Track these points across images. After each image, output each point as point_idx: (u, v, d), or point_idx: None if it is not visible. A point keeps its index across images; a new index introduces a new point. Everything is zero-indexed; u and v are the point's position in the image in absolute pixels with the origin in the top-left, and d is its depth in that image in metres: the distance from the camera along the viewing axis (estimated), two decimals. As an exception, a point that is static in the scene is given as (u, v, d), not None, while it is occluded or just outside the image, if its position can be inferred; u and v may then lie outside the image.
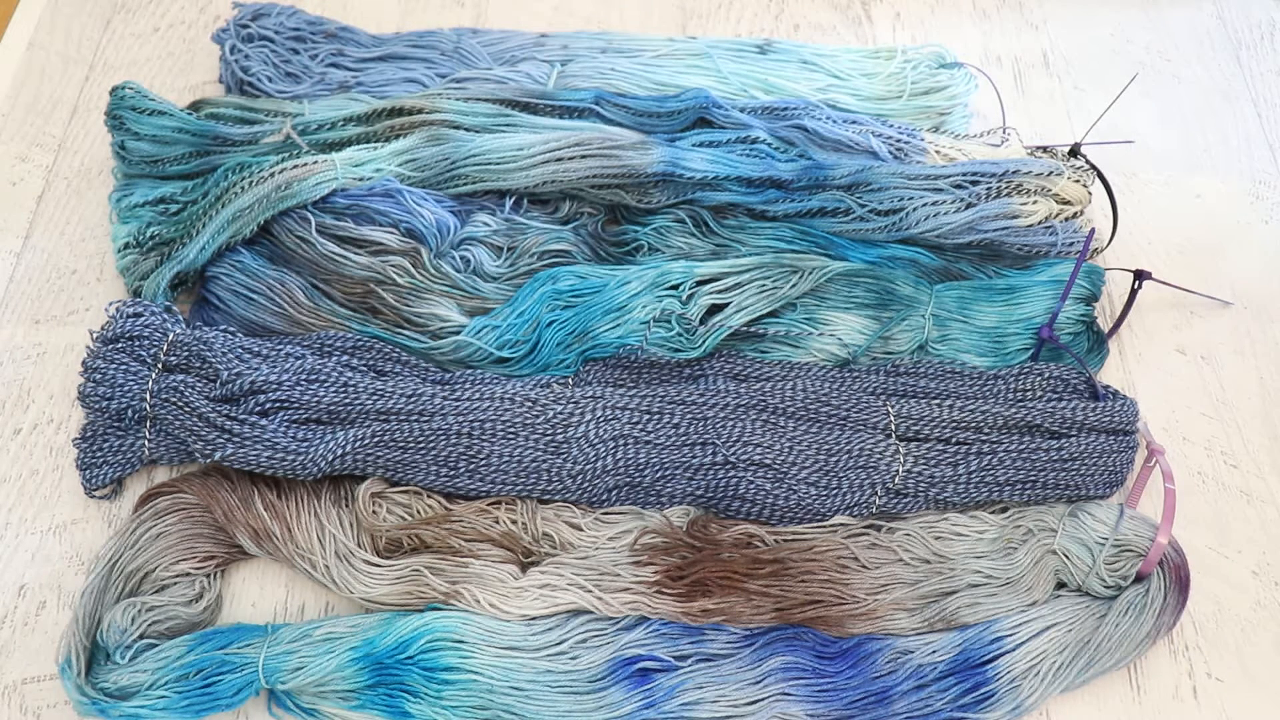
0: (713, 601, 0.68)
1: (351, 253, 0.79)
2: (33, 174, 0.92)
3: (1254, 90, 1.00)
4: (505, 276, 0.82)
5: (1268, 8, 1.06)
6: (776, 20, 1.04)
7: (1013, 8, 1.06)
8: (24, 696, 0.68)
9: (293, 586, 0.73)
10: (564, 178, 0.82)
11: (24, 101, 0.96)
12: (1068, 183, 0.84)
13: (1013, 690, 0.66)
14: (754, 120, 0.87)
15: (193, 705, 0.64)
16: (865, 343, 0.79)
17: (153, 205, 0.83)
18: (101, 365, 0.72)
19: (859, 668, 0.67)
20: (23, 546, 0.74)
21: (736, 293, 0.79)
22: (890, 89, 0.93)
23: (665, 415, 0.73)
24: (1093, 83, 1.00)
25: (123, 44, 1.00)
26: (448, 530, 0.70)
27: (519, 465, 0.71)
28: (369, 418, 0.72)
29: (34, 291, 0.85)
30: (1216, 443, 0.80)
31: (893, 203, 0.82)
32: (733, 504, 0.72)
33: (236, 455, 0.70)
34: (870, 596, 0.69)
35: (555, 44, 0.96)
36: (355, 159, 0.82)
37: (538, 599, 0.68)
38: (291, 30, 0.95)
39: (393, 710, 0.65)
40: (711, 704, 0.65)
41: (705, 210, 0.84)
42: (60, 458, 0.77)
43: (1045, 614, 0.68)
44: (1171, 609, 0.68)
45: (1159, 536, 0.68)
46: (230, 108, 0.89)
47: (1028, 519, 0.72)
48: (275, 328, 0.79)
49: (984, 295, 0.81)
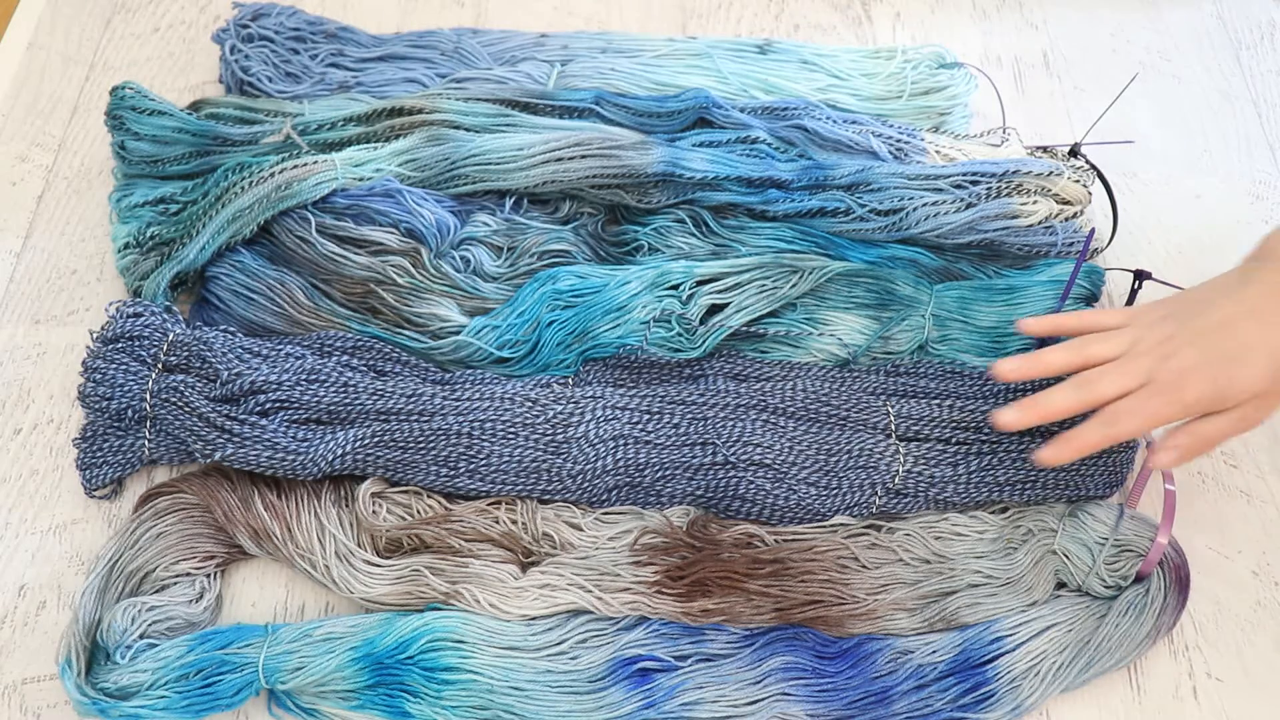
0: (713, 601, 0.68)
1: (351, 253, 0.79)
2: (33, 174, 0.92)
3: (1254, 90, 1.00)
4: (505, 276, 0.82)
5: (1268, 8, 1.06)
6: (776, 20, 1.04)
7: (1013, 8, 1.06)
8: (24, 696, 0.68)
9: (293, 586, 0.73)
10: (564, 178, 0.82)
11: (24, 101, 0.96)
12: (1068, 183, 0.84)
13: (1013, 690, 0.66)
14: (754, 120, 0.87)
15: (193, 705, 0.64)
16: (865, 343, 0.79)
17: (153, 205, 0.83)
18: (101, 365, 0.73)
19: (859, 668, 0.67)
20: (23, 546, 0.74)
21: (736, 293, 0.79)
22: (890, 89, 0.93)
23: (665, 415, 0.73)
24: (1093, 83, 1.00)
25: (123, 44, 1.00)
26: (448, 530, 0.70)
27: (519, 465, 0.71)
28: (369, 418, 0.72)
29: (34, 291, 0.85)
30: (1216, 443, 0.80)
31: (893, 203, 0.82)
32: (733, 504, 0.72)
33: (236, 455, 0.70)
34: (870, 596, 0.69)
35: (555, 44, 0.96)
36: (355, 159, 0.82)
37: (538, 599, 0.68)
38: (291, 30, 0.95)
39: (393, 710, 0.65)
40: (711, 704, 0.65)
41: (705, 210, 0.84)
42: (60, 458, 0.77)
43: (1045, 614, 0.68)
44: (1171, 609, 0.68)
45: (1159, 537, 0.68)
46: (230, 108, 0.89)
47: (1028, 519, 0.72)
48: (275, 328, 0.79)
49: (984, 295, 0.81)
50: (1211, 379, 0.64)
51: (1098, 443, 0.65)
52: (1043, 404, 0.66)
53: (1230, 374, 0.63)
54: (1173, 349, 0.65)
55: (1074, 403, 0.66)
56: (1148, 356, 0.65)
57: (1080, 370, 0.66)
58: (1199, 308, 0.66)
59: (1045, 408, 0.66)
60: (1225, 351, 0.64)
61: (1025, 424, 0.66)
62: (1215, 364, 0.64)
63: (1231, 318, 0.65)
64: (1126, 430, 0.64)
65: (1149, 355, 0.65)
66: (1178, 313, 0.67)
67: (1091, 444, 0.65)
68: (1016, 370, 0.67)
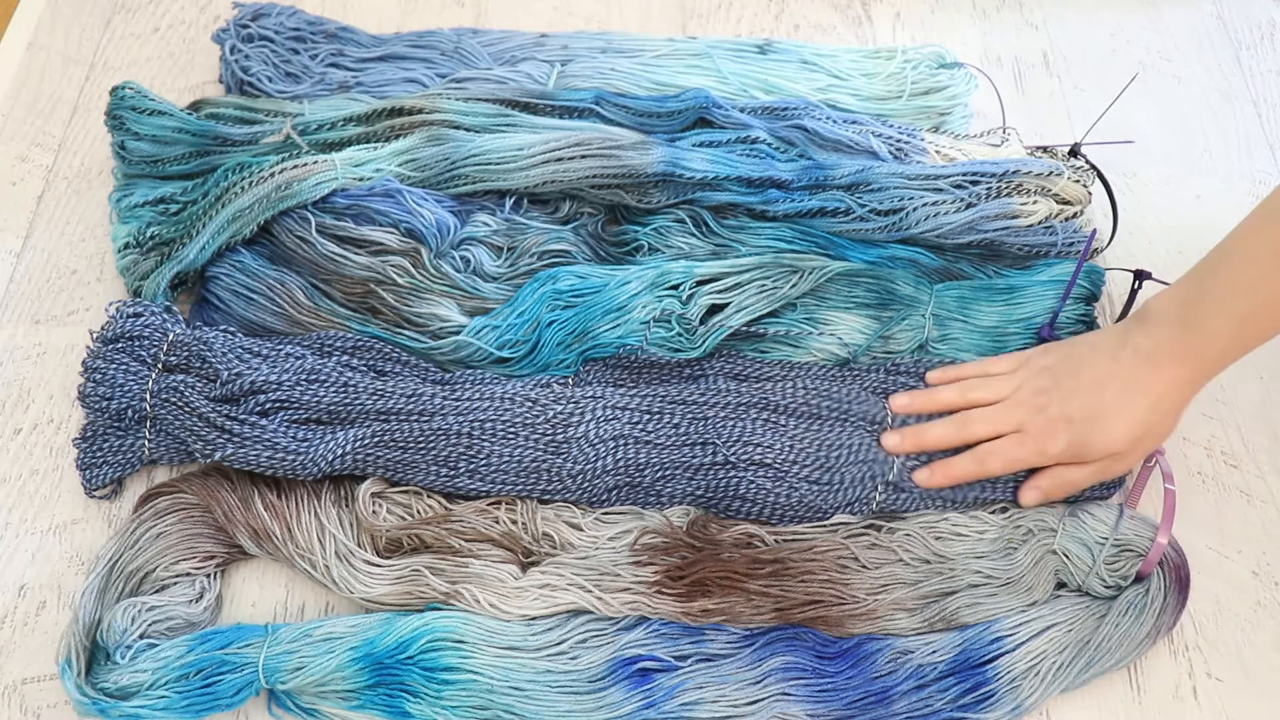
0: (713, 601, 0.68)
1: (351, 253, 0.79)
2: (33, 174, 0.92)
3: (1254, 90, 1.00)
4: (505, 276, 0.82)
5: (1268, 8, 1.06)
6: (776, 20, 1.04)
7: (1013, 8, 1.06)
8: (24, 696, 0.68)
9: (293, 586, 0.73)
10: (564, 178, 0.82)
11: (24, 101, 0.96)
12: (1068, 183, 0.84)
13: (1013, 690, 0.66)
14: (754, 120, 0.87)
15: (193, 705, 0.64)
16: (865, 342, 0.79)
17: (153, 205, 0.83)
18: (101, 365, 0.73)
19: (859, 668, 0.67)
20: (23, 546, 0.74)
21: (736, 293, 0.79)
22: (890, 89, 0.93)
23: (666, 415, 0.73)
24: (1093, 83, 1.00)
25: (123, 44, 1.00)
26: (448, 530, 0.70)
27: (519, 465, 0.71)
28: (369, 418, 0.72)
29: (34, 291, 0.85)
30: (1216, 443, 0.80)
31: (893, 203, 0.82)
32: (733, 504, 0.72)
33: (236, 455, 0.70)
34: (870, 596, 0.69)
35: (555, 44, 0.96)
36: (355, 159, 0.82)
37: (538, 599, 0.68)
38: (291, 30, 0.95)
39: (393, 710, 0.65)
40: (711, 704, 0.65)
41: (705, 210, 0.84)
42: (60, 458, 0.77)
43: (1045, 614, 0.68)
44: (1171, 609, 0.68)
45: (1159, 537, 0.68)
46: (230, 108, 0.89)
47: (1028, 519, 0.72)
48: (275, 328, 0.79)
49: (984, 295, 0.81)
50: (1072, 437, 0.70)
51: (969, 475, 0.72)
52: (923, 434, 0.73)
53: (1090, 435, 0.69)
54: (1044, 403, 0.71)
55: (950, 438, 0.72)
56: (1022, 408, 0.71)
57: (963, 410, 0.73)
58: (1076, 366, 0.71)
59: (924, 438, 0.73)
60: (1089, 413, 0.69)
61: (905, 449, 0.72)
62: (1078, 424, 0.69)
63: (1101, 380, 0.70)
64: (992, 470, 0.72)
65: (1023, 406, 0.72)
66: (1057, 368, 0.72)
67: (963, 475, 0.72)
68: (908, 405, 0.74)
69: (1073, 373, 0.71)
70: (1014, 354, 0.76)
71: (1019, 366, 0.74)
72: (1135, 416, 0.68)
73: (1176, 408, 0.70)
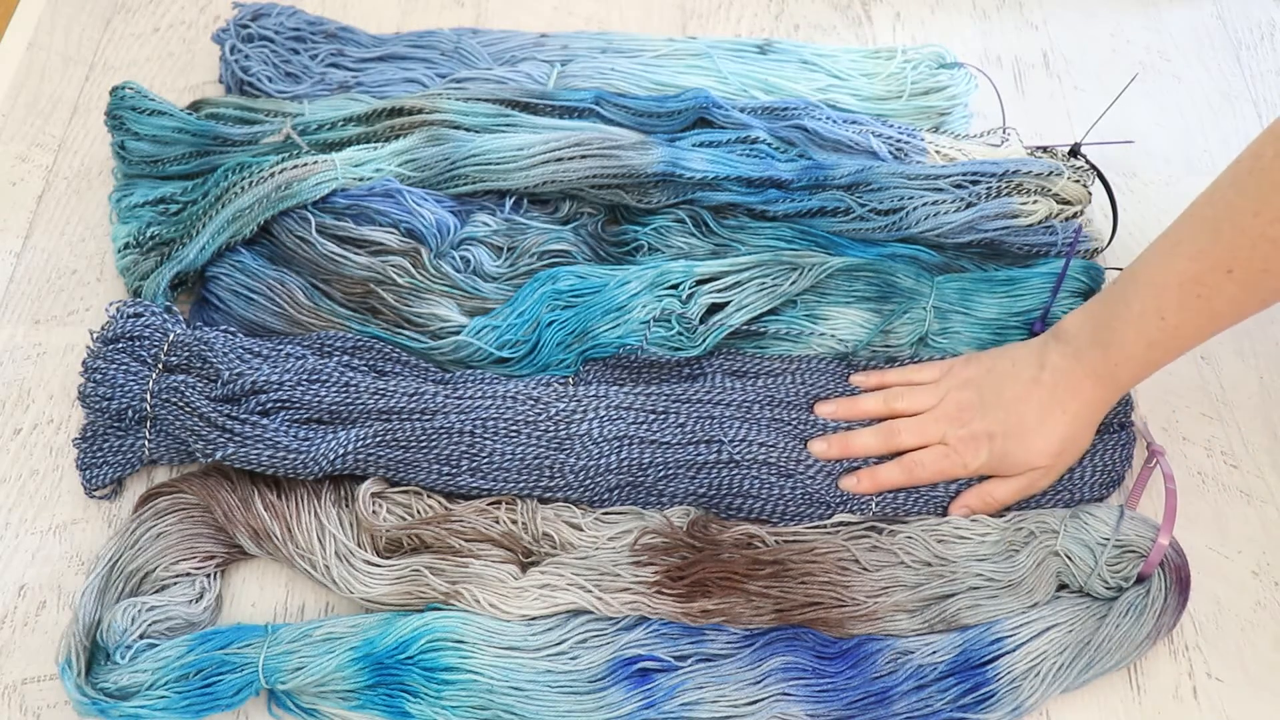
0: (713, 602, 0.68)
1: (351, 253, 0.79)
2: (33, 174, 0.92)
3: (1254, 90, 1.00)
4: (505, 276, 0.82)
5: (1268, 8, 1.06)
6: (776, 20, 1.04)
7: (1013, 8, 1.06)
8: (24, 696, 0.68)
9: (293, 586, 0.73)
10: (564, 178, 0.82)
11: (24, 101, 0.96)
12: (1068, 183, 0.84)
13: (1013, 691, 0.66)
14: (754, 120, 0.87)
15: (193, 705, 0.64)
16: (866, 336, 0.79)
17: (153, 205, 0.83)
18: (101, 365, 0.72)
19: (859, 668, 0.67)
20: (23, 546, 0.74)
21: (736, 291, 0.79)
22: (890, 89, 0.93)
23: (669, 414, 0.73)
24: (1093, 83, 1.00)
25: (123, 44, 1.00)
26: (448, 530, 0.70)
27: (522, 462, 0.71)
28: (370, 417, 0.72)
29: (34, 291, 0.85)
30: (1216, 443, 0.80)
31: (893, 202, 0.82)
32: (735, 501, 0.72)
33: (237, 455, 0.70)
34: (871, 599, 0.69)
35: (555, 44, 0.96)
36: (355, 159, 0.82)
37: (538, 599, 0.68)
38: (291, 30, 0.95)
39: (393, 710, 0.65)
40: (711, 704, 0.65)
41: (705, 210, 0.84)
42: (60, 458, 0.77)
43: (1046, 615, 0.68)
44: (1172, 609, 0.68)
45: (1160, 537, 0.68)
46: (230, 108, 0.89)
47: (1029, 521, 0.72)
48: (275, 328, 0.79)
49: (985, 287, 0.81)
50: (994, 450, 0.72)
51: (896, 483, 0.73)
52: (850, 442, 0.74)
53: (1011, 450, 0.71)
54: (968, 419, 0.73)
55: (878, 447, 0.74)
56: (946, 421, 0.73)
57: (888, 419, 0.75)
58: (998, 382, 0.73)
59: (851, 446, 0.74)
60: (1009, 429, 0.71)
61: (832, 456, 0.74)
62: (999, 439, 0.71)
63: (1022, 398, 0.72)
64: (920, 479, 0.73)
65: (947, 420, 0.73)
66: (980, 381, 0.74)
67: (890, 483, 0.73)
68: (834, 413, 0.76)
69: (995, 388, 0.73)
70: (938, 362, 0.77)
71: (942, 376, 0.76)
72: (1055, 433, 0.71)
73: (1091, 424, 0.72)
